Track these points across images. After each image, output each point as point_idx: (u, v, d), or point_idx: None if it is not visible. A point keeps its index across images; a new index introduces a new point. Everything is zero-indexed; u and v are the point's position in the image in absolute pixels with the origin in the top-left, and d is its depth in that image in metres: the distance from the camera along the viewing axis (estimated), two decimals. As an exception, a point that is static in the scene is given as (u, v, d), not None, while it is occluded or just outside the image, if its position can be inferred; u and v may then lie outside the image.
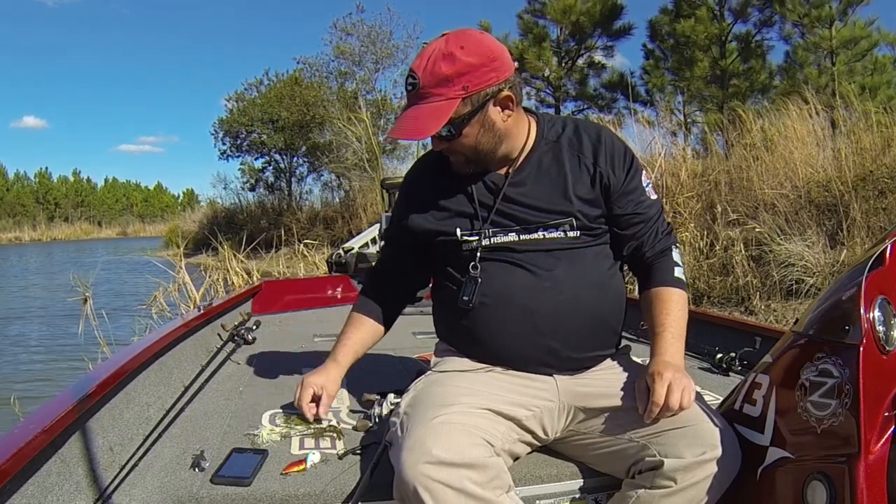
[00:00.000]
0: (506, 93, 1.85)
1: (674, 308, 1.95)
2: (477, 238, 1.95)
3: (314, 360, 3.16)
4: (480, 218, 1.95)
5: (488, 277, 1.94)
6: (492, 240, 1.94)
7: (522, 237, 1.93)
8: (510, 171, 1.97)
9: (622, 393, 1.86)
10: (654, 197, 2.06)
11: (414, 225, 2.06)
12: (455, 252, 2.00)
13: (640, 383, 1.80)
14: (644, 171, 2.06)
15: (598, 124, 2.13)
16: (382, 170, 16.93)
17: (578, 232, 1.93)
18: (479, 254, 1.94)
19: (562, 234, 1.93)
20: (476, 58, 1.80)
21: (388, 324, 2.39)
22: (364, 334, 2.33)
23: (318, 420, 2.17)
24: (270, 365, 3.08)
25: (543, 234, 1.93)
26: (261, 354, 3.33)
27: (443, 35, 1.87)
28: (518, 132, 1.95)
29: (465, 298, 1.92)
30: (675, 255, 2.05)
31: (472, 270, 1.94)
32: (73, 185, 78.08)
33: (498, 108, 1.87)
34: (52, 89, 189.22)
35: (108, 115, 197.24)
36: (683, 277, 2.02)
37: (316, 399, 2.18)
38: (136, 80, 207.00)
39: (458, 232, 1.96)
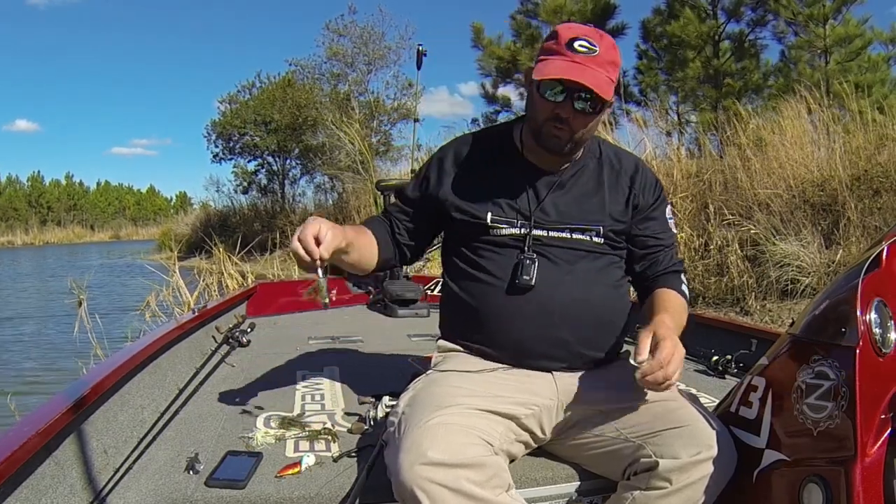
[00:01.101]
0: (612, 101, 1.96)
1: (675, 304, 2.03)
2: (507, 226, 2.00)
3: (309, 362, 3.18)
4: (525, 210, 2.00)
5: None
6: (522, 230, 2.00)
7: (552, 234, 1.99)
8: (559, 173, 2.04)
9: (620, 393, 1.88)
10: (673, 230, 2.19)
11: (442, 195, 2.08)
12: (478, 236, 2.03)
13: (640, 333, 1.81)
14: (670, 206, 2.18)
15: (634, 154, 2.30)
16: (375, 172, 16.88)
17: (602, 240, 2.02)
18: (530, 239, 1.99)
19: (588, 238, 2.01)
20: None
21: (382, 252, 2.16)
22: (367, 241, 2.10)
23: (312, 268, 1.82)
24: (265, 367, 3.08)
25: (570, 235, 2.00)
26: (255, 357, 3.33)
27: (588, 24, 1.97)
28: None
29: (526, 278, 1.94)
30: (683, 277, 2.15)
31: (527, 252, 1.97)
32: (66, 188, 77.74)
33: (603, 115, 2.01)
34: (45, 92, 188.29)
35: (100, 118, 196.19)
36: (688, 294, 2.12)
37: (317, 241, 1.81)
38: (129, 82, 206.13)
39: (489, 217, 2.00)
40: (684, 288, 2.12)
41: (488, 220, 2.01)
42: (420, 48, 6.03)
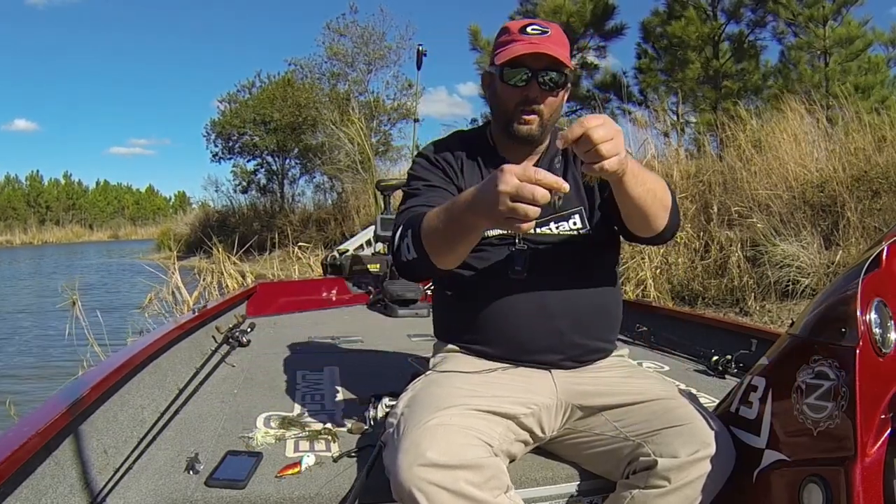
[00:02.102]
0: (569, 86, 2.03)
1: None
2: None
3: (309, 362, 3.18)
4: None
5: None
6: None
7: (538, 230, 1.99)
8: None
9: (618, 392, 1.89)
10: None
11: (450, 185, 2.05)
12: None
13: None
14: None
15: None
16: (375, 172, 16.90)
17: (588, 229, 2.01)
18: (519, 236, 1.97)
19: (574, 230, 2.01)
20: None
21: None
22: None
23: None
24: (265, 367, 3.09)
25: (557, 228, 2.00)
26: (255, 356, 3.33)
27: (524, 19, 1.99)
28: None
29: (518, 268, 1.94)
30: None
31: (518, 244, 1.96)
32: (65, 188, 77.64)
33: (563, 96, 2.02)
34: (44, 92, 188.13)
35: (99, 118, 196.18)
36: (671, 198, 1.90)
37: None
38: (128, 82, 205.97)
39: None
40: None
41: None
42: (420, 48, 6.05)
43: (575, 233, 2.02)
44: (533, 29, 1.93)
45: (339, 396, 2.61)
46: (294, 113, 23.71)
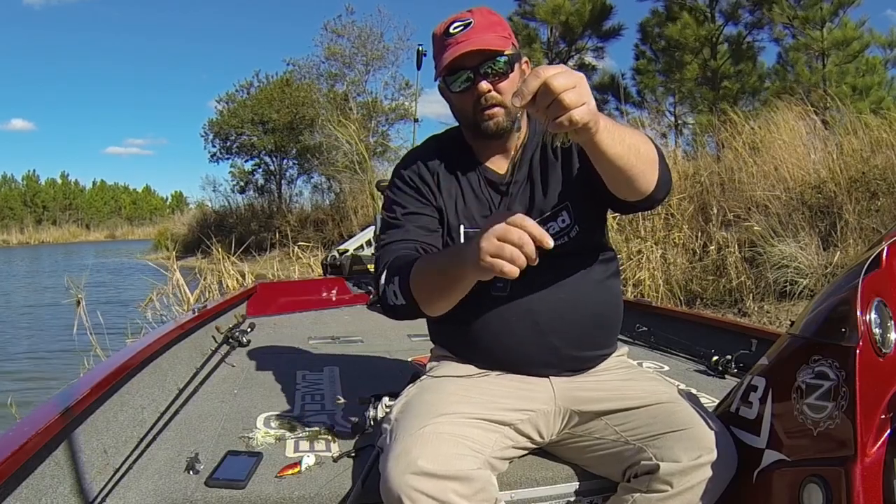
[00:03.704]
0: (526, 60, 1.95)
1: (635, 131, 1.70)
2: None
3: (309, 362, 3.18)
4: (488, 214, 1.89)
5: None
6: None
7: None
8: (512, 168, 1.96)
9: (619, 396, 1.86)
10: None
11: (428, 207, 1.97)
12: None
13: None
14: None
15: None
16: (373, 172, 16.90)
17: (577, 228, 1.91)
18: None
19: (561, 223, 1.90)
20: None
21: None
22: None
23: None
24: (265, 367, 3.09)
25: (546, 230, 1.89)
26: (255, 357, 3.33)
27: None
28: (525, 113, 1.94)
29: (500, 285, 1.85)
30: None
31: None
32: (62, 187, 77.43)
33: (525, 69, 1.93)
34: (41, 92, 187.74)
35: (96, 118, 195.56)
36: (657, 152, 1.72)
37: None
38: (126, 81, 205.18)
39: (462, 230, 1.93)
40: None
41: (461, 233, 1.93)
42: (420, 49, 6.04)
43: (565, 237, 1.90)
44: (455, 27, 1.85)
45: (339, 396, 2.61)
46: (292, 113, 23.72)
